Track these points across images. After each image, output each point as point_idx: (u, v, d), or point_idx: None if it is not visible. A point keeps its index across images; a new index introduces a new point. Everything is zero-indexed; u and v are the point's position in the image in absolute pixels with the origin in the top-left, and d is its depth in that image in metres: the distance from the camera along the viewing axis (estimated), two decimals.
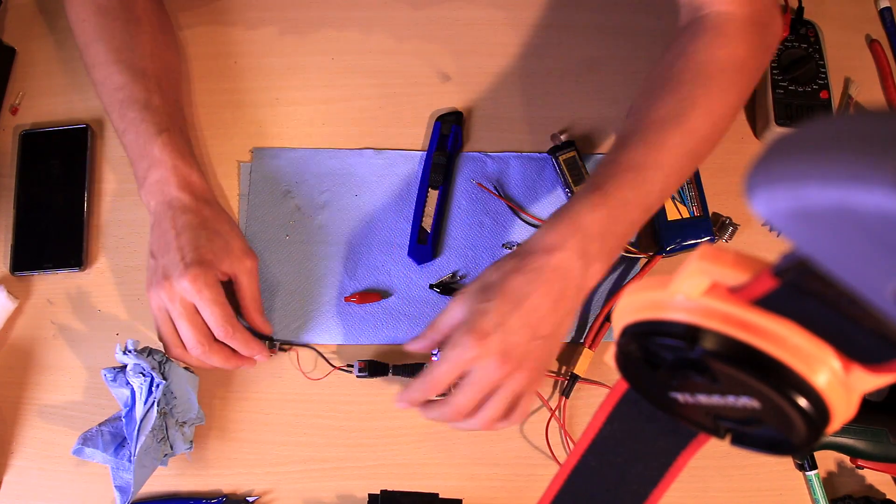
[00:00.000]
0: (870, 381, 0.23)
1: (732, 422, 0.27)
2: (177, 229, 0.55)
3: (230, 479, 0.63)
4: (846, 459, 0.64)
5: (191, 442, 0.61)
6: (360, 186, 0.68)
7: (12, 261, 0.67)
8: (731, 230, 0.66)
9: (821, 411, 0.23)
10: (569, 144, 0.67)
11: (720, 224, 0.67)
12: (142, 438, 0.56)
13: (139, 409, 0.58)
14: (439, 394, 0.53)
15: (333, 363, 0.64)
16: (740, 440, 0.28)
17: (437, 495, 0.61)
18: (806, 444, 0.25)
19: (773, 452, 0.27)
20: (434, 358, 0.64)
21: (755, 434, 0.27)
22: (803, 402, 0.23)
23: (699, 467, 0.63)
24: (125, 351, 0.58)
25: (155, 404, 0.57)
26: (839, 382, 0.23)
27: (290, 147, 0.69)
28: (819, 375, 0.23)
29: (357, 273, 0.67)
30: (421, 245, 0.66)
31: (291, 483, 0.63)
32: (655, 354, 0.26)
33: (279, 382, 0.65)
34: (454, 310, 0.53)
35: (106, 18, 0.60)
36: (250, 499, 0.63)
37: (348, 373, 0.64)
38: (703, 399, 0.26)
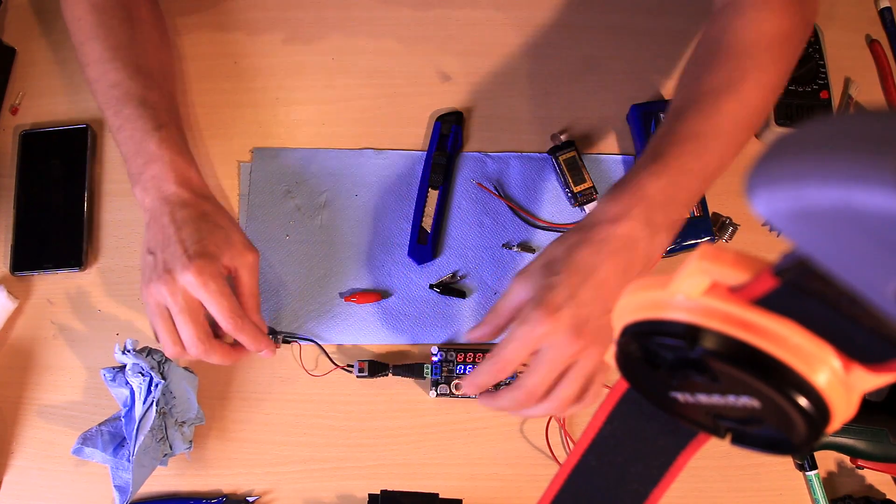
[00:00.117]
0: (870, 381, 0.23)
1: (732, 421, 0.27)
2: (177, 223, 0.54)
3: (230, 479, 0.63)
4: (846, 459, 0.64)
5: (190, 442, 0.61)
6: (360, 186, 0.68)
7: (12, 261, 0.67)
8: (731, 230, 0.66)
9: (821, 411, 0.23)
10: (569, 144, 0.67)
11: (720, 224, 0.67)
12: (141, 438, 0.56)
13: (138, 409, 0.58)
14: (508, 375, 0.50)
15: (335, 361, 0.64)
16: (740, 440, 0.28)
17: (437, 495, 0.61)
18: (806, 444, 0.25)
19: (774, 452, 0.27)
20: (434, 357, 0.64)
21: (755, 434, 0.27)
22: (803, 402, 0.23)
23: (699, 467, 0.63)
24: (124, 351, 0.58)
25: (154, 404, 0.57)
26: (839, 382, 0.23)
27: (290, 147, 0.69)
28: (819, 375, 0.23)
29: (357, 273, 0.67)
30: (421, 245, 0.66)
31: (291, 483, 0.63)
32: (655, 354, 0.26)
33: (279, 382, 0.65)
34: (516, 290, 0.51)
35: (102, 16, 0.60)
36: (250, 499, 0.63)
37: (348, 373, 0.64)
38: (704, 398, 0.26)
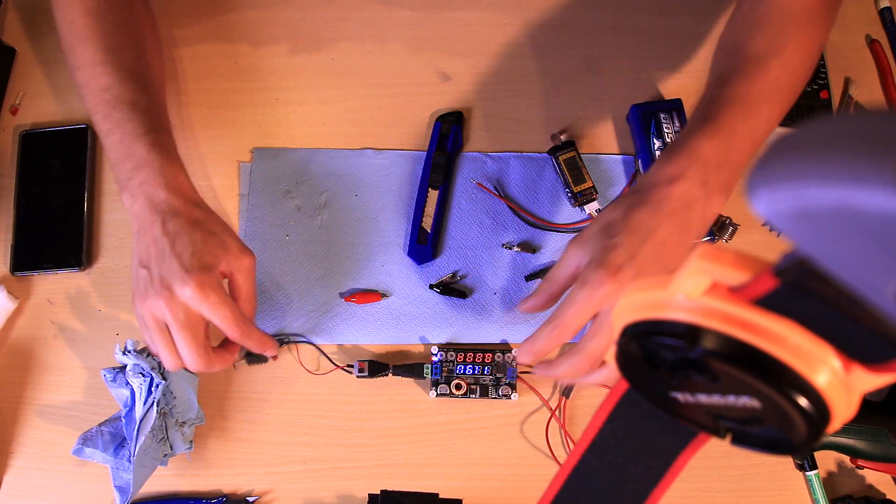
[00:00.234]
0: (870, 381, 0.23)
1: (733, 421, 0.27)
2: (170, 235, 0.52)
3: (230, 479, 0.63)
4: (846, 459, 0.64)
5: (191, 442, 0.61)
6: (360, 186, 0.68)
7: (12, 261, 0.67)
8: (731, 230, 0.66)
9: (821, 411, 0.23)
10: (569, 144, 0.67)
11: (720, 224, 0.67)
12: (141, 438, 0.56)
13: (139, 410, 0.58)
14: (568, 340, 0.49)
15: (335, 361, 0.64)
16: (741, 440, 0.28)
17: (437, 495, 0.61)
18: (806, 444, 0.25)
19: (774, 452, 0.27)
20: (434, 357, 0.64)
21: (755, 434, 0.27)
22: (804, 402, 0.23)
23: (699, 467, 0.63)
24: (125, 351, 0.58)
25: (154, 404, 0.57)
26: (840, 382, 0.23)
27: (290, 147, 0.69)
28: (819, 375, 0.23)
29: (357, 273, 0.67)
30: (421, 245, 0.66)
31: (291, 483, 0.63)
32: (656, 354, 0.26)
33: (279, 382, 0.65)
34: (572, 256, 0.51)
35: (95, 20, 0.59)
36: (250, 499, 0.63)
37: (348, 373, 0.64)
38: (704, 399, 0.26)
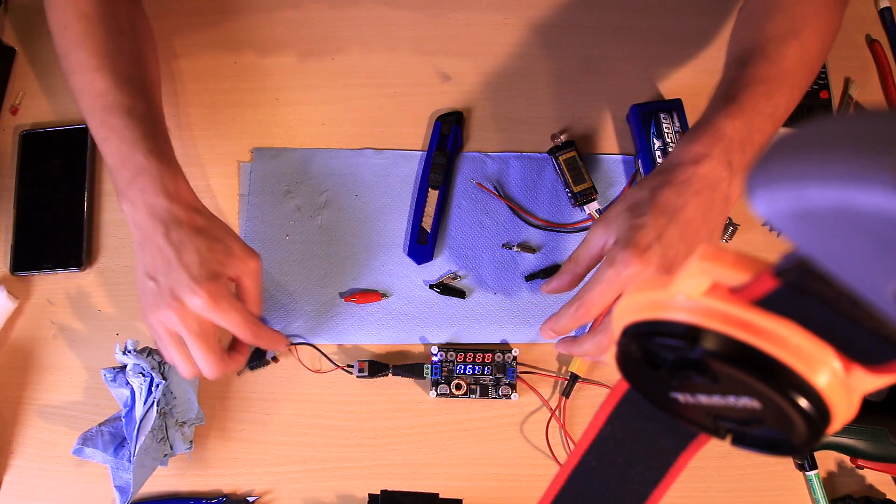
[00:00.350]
0: (870, 382, 0.23)
1: (733, 422, 0.27)
2: (175, 245, 0.51)
3: (230, 479, 0.63)
4: (846, 459, 0.64)
5: (191, 442, 0.61)
6: (360, 186, 0.68)
7: (12, 261, 0.67)
8: (731, 230, 0.66)
9: (821, 412, 0.23)
10: (569, 144, 0.67)
11: None
12: (141, 438, 0.56)
13: (139, 409, 0.58)
14: (592, 320, 0.49)
15: (335, 361, 0.64)
16: (741, 441, 0.28)
17: (437, 495, 0.61)
18: (806, 445, 0.25)
19: (774, 453, 0.27)
20: (434, 357, 0.64)
21: (756, 434, 0.27)
22: (804, 403, 0.23)
23: (699, 467, 0.63)
24: (125, 351, 0.58)
25: (155, 404, 0.58)
26: (840, 383, 0.23)
27: (290, 147, 0.69)
28: (820, 376, 0.23)
29: (357, 273, 0.67)
30: (421, 245, 0.66)
31: (291, 483, 0.63)
32: (656, 354, 0.26)
33: (279, 382, 0.65)
34: (597, 236, 0.51)
35: (89, 24, 0.58)
36: (250, 499, 0.63)
37: (348, 373, 0.64)
38: (704, 399, 0.26)
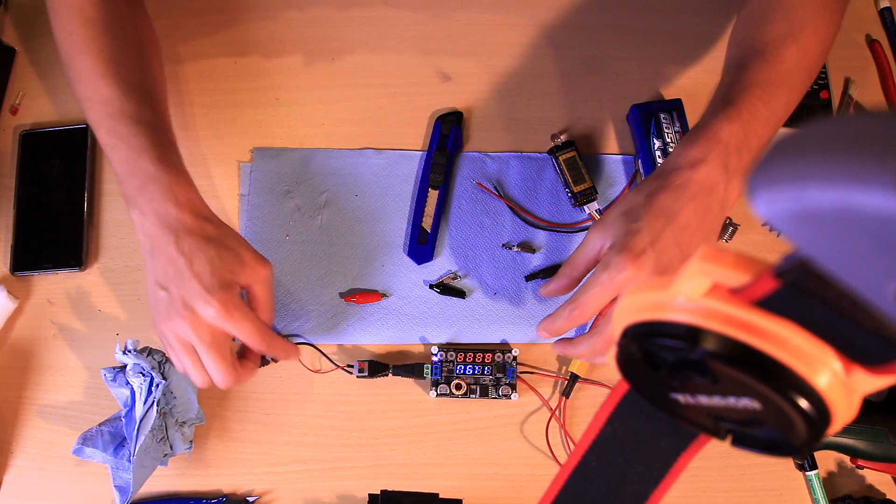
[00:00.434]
0: (871, 383, 0.23)
1: (733, 423, 0.27)
2: (186, 255, 0.51)
3: (230, 479, 0.63)
4: (846, 459, 0.64)
5: (191, 442, 0.61)
6: (360, 186, 0.68)
7: (12, 261, 0.67)
8: (731, 230, 0.66)
9: (822, 413, 0.23)
10: (569, 144, 0.67)
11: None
12: (141, 438, 0.56)
13: (139, 409, 0.58)
14: (586, 321, 0.50)
15: (335, 361, 0.64)
16: (741, 441, 0.28)
17: (437, 495, 0.61)
18: (807, 446, 0.25)
19: (774, 454, 0.27)
20: (434, 357, 0.64)
21: (756, 435, 0.27)
22: (804, 404, 0.23)
23: (699, 467, 0.63)
24: (125, 351, 0.58)
25: (154, 404, 0.58)
26: (840, 384, 0.23)
27: (290, 147, 0.69)
28: (820, 377, 0.23)
29: (357, 273, 0.67)
30: (421, 245, 0.66)
31: (291, 483, 0.63)
32: (656, 355, 0.26)
33: (279, 382, 0.65)
34: (594, 239, 0.52)
35: (94, 31, 0.57)
36: (250, 499, 0.63)
37: (348, 373, 0.64)
38: (704, 400, 0.26)
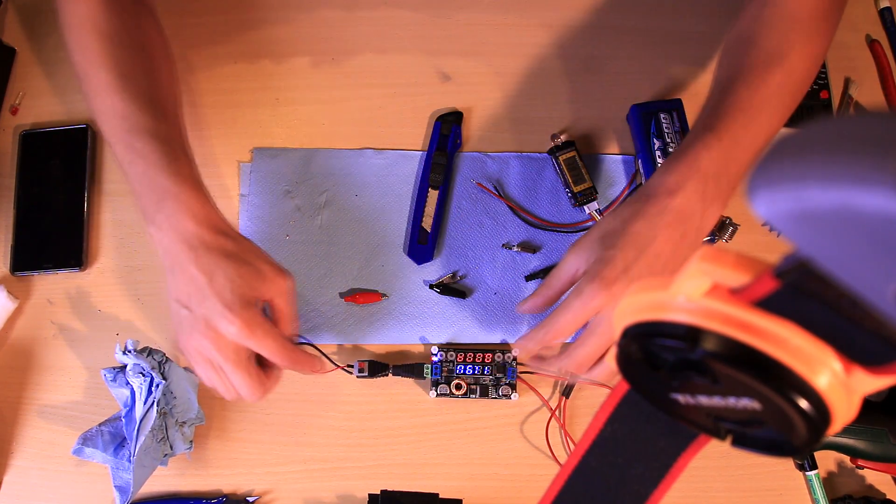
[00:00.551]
0: (871, 383, 0.23)
1: (733, 423, 0.27)
2: (206, 273, 0.51)
3: (230, 479, 0.63)
4: (846, 459, 0.64)
5: (191, 442, 0.61)
6: (360, 186, 0.68)
7: (12, 261, 0.67)
8: (731, 230, 0.66)
9: (822, 413, 0.23)
10: (569, 144, 0.67)
11: (720, 224, 0.67)
12: (141, 438, 0.56)
13: (139, 409, 0.58)
14: (560, 342, 0.52)
15: (335, 361, 0.64)
16: (741, 441, 0.28)
17: (437, 495, 0.61)
18: (807, 446, 0.25)
19: (774, 454, 0.27)
20: (434, 357, 0.64)
21: (756, 435, 0.27)
22: (804, 404, 0.23)
23: (699, 467, 0.63)
24: (125, 351, 0.58)
25: (155, 404, 0.58)
26: (840, 384, 0.23)
27: (290, 147, 0.69)
28: (820, 377, 0.23)
29: (357, 273, 0.67)
30: (421, 245, 0.66)
31: (291, 483, 0.63)
32: (656, 355, 0.26)
33: (279, 382, 0.65)
34: (571, 262, 0.53)
35: (109, 44, 0.56)
36: (250, 499, 0.63)
37: (348, 373, 0.64)
38: (704, 400, 0.26)
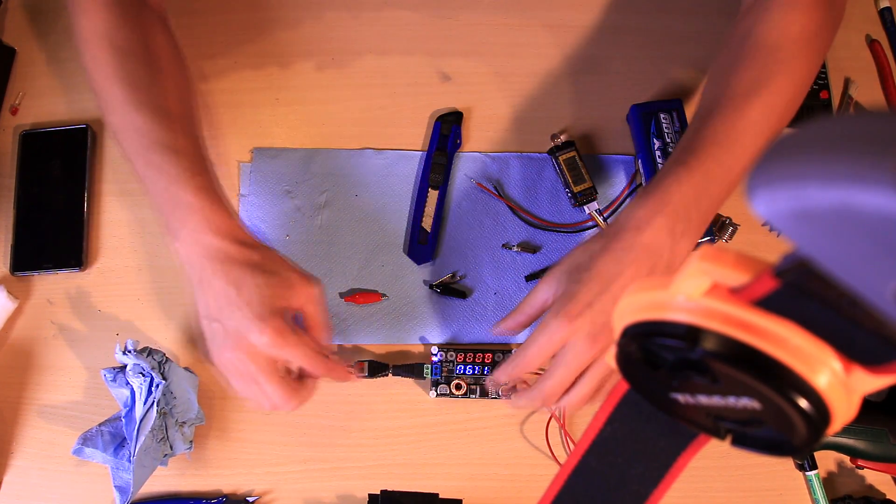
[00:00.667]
0: (871, 383, 0.23)
1: (733, 423, 0.27)
2: (235, 285, 0.51)
3: (230, 479, 0.63)
4: (846, 459, 0.64)
5: (191, 442, 0.61)
6: (360, 186, 0.68)
7: (12, 261, 0.67)
8: (731, 230, 0.66)
9: (821, 412, 0.23)
10: (569, 144, 0.67)
11: (720, 224, 0.67)
12: (141, 438, 0.56)
13: (139, 409, 0.58)
14: (527, 375, 0.53)
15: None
16: (741, 441, 0.28)
17: (437, 495, 0.61)
18: (806, 446, 0.25)
19: (774, 453, 0.27)
20: (434, 357, 0.64)
21: (756, 435, 0.27)
22: (804, 403, 0.23)
23: (699, 467, 0.63)
24: (125, 351, 0.58)
25: (154, 404, 0.58)
26: (840, 383, 0.23)
27: (290, 147, 0.69)
28: (820, 376, 0.23)
29: (357, 273, 0.67)
30: (421, 245, 0.66)
31: (291, 483, 0.63)
32: (656, 355, 0.26)
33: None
34: (542, 291, 0.54)
35: (124, 58, 0.56)
36: (250, 499, 0.63)
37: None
38: (704, 400, 0.26)
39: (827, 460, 0.64)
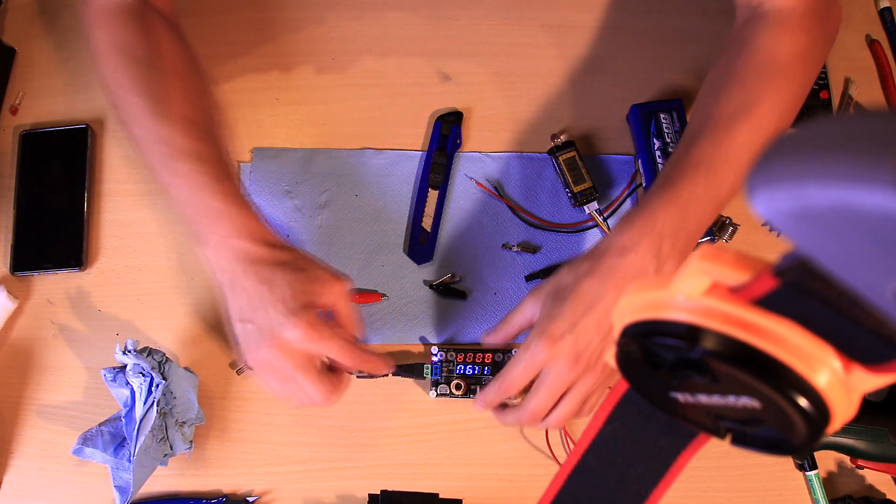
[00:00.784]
0: (870, 382, 0.23)
1: (733, 422, 0.27)
2: (266, 283, 0.51)
3: (230, 479, 0.63)
4: (846, 459, 0.64)
5: (191, 442, 0.61)
6: (360, 186, 0.68)
7: (12, 261, 0.67)
8: (731, 230, 0.66)
9: (821, 411, 0.23)
10: (569, 144, 0.67)
11: (720, 224, 0.67)
12: (141, 438, 0.56)
13: (139, 409, 0.58)
14: (513, 395, 0.55)
15: None
16: (741, 440, 0.28)
17: (437, 495, 0.61)
18: (806, 445, 0.25)
19: (774, 452, 0.27)
20: (434, 357, 0.64)
21: (755, 434, 0.27)
22: (804, 403, 0.23)
23: (699, 467, 0.63)
24: (125, 351, 0.58)
25: (154, 404, 0.58)
26: (840, 382, 0.23)
27: (290, 147, 0.69)
28: (820, 375, 0.23)
29: (357, 273, 0.67)
30: (421, 245, 0.66)
31: (291, 483, 0.63)
32: (656, 354, 0.26)
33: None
34: (527, 307, 0.55)
35: (141, 68, 0.56)
36: (250, 499, 0.63)
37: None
38: (704, 399, 0.26)
39: (827, 460, 0.64)
